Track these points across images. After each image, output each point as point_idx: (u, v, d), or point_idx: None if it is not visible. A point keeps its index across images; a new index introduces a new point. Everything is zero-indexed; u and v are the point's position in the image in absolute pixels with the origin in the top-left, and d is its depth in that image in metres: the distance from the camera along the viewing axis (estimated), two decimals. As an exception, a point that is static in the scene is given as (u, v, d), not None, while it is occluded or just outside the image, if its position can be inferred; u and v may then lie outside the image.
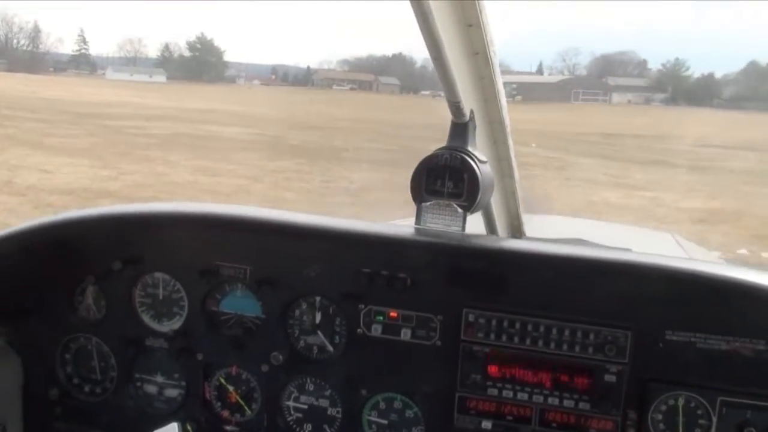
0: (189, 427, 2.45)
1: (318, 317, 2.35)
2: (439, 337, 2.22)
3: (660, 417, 2.10)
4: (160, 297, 2.48)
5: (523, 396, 2.17)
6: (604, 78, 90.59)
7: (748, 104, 64.24)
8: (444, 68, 1.99)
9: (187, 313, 2.45)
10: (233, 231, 2.41)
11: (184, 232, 2.44)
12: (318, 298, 2.34)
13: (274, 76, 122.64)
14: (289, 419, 2.43)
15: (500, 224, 2.93)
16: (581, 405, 2.12)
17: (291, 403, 2.42)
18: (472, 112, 2.29)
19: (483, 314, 2.16)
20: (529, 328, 2.14)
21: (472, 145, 2.28)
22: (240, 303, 2.42)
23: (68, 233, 2.47)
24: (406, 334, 2.24)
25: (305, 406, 2.41)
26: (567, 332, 2.11)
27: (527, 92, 79.73)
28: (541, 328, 2.13)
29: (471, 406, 2.21)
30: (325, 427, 2.40)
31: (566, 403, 2.13)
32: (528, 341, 2.14)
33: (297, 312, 2.37)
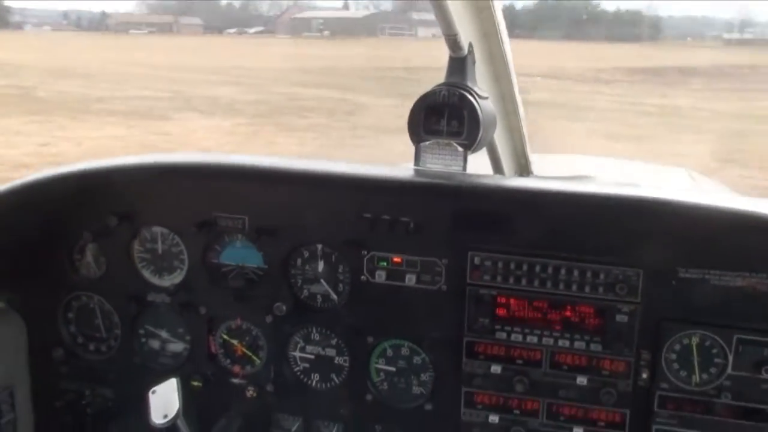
0: (196, 382, 2.45)
1: (320, 265, 2.31)
2: (444, 281, 2.18)
3: (674, 357, 2.05)
4: (160, 251, 2.44)
5: (532, 339, 2.13)
6: (409, 12, 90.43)
7: (545, 33, 65.96)
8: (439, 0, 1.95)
9: (187, 266, 2.42)
10: (229, 180, 2.35)
11: (178, 184, 2.38)
12: (320, 246, 2.29)
13: (66, 22, 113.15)
14: (296, 369, 2.41)
15: (506, 163, 2.90)
16: (593, 346, 2.09)
17: (297, 354, 2.40)
18: (470, 45, 2.22)
19: (489, 256, 2.12)
20: (537, 269, 2.09)
21: (472, 80, 2.22)
22: (240, 254, 2.37)
23: (61, 190, 2.38)
24: (410, 280, 2.20)
25: (312, 356, 2.38)
26: (576, 272, 2.07)
27: (334, 27, 79.03)
28: (550, 269, 2.09)
29: (479, 350, 2.18)
30: (333, 376, 2.38)
31: (577, 344, 2.10)
32: (536, 283, 2.10)
33: (299, 261, 2.33)
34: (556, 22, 70.19)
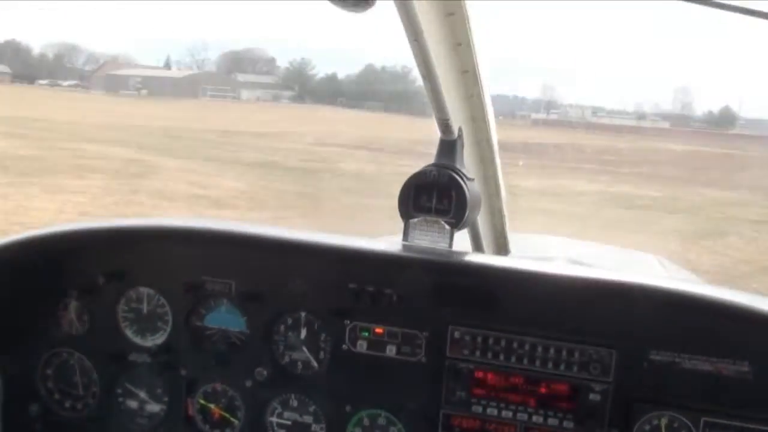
0: None
1: (303, 333, 2.35)
2: (424, 353, 2.25)
3: None
4: (144, 311, 2.46)
5: (507, 414, 2.19)
6: (233, 74, 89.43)
7: (366, 103, 67.24)
8: (434, 85, 2.05)
9: (171, 327, 2.44)
10: (218, 245, 2.41)
11: (168, 247, 2.44)
12: (303, 314, 2.34)
13: None
14: None
15: (486, 242, 3.01)
16: (565, 424, 2.16)
17: (275, 419, 2.41)
18: (460, 129, 2.33)
19: (469, 331, 2.20)
20: (515, 345, 2.17)
21: (460, 162, 2.32)
22: (225, 318, 2.41)
23: (52, 248, 2.45)
24: (391, 351, 2.26)
25: (289, 422, 2.40)
26: (552, 350, 2.15)
27: (154, 87, 76.07)
28: (527, 346, 2.16)
29: (455, 423, 2.23)
30: None
31: (550, 421, 2.16)
32: (513, 359, 2.18)
33: (282, 327, 2.37)
34: (377, 94, 71.81)
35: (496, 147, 2.64)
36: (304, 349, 2.34)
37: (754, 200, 23.18)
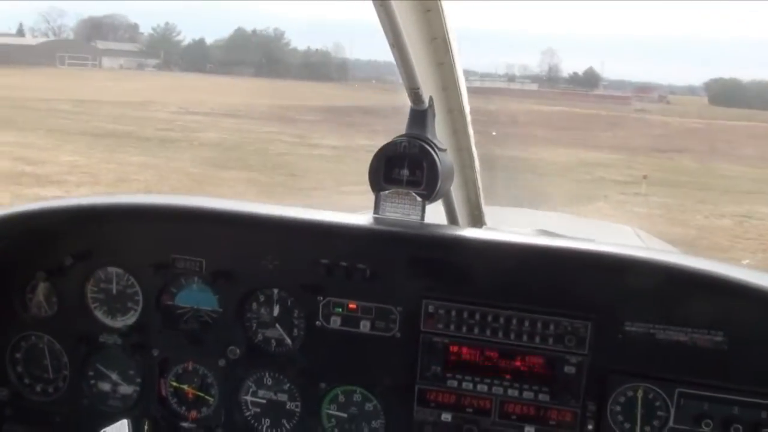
0: (146, 426, 2.40)
1: (276, 310, 2.33)
2: (398, 328, 2.23)
3: (619, 408, 2.12)
4: (114, 292, 2.42)
5: (482, 387, 2.19)
6: (93, 42, 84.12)
7: (237, 69, 65.03)
8: (402, 53, 1.97)
9: (141, 307, 2.40)
10: (188, 223, 2.35)
11: (137, 225, 2.38)
12: (276, 291, 2.32)
13: None
14: (246, 414, 2.41)
15: (461, 214, 2.98)
16: (541, 396, 2.15)
17: (249, 398, 2.40)
18: (431, 99, 2.27)
19: (443, 305, 2.18)
20: (489, 318, 2.16)
21: (432, 133, 2.27)
22: (196, 296, 2.38)
23: (17, 229, 2.38)
24: (365, 326, 2.25)
25: (263, 401, 2.39)
26: (527, 323, 2.14)
27: (5, 55, 70.07)
28: (501, 319, 2.15)
29: (431, 398, 2.23)
30: (284, 421, 2.39)
31: (526, 394, 2.16)
32: (488, 332, 2.16)
33: (254, 305, 2.35)
34: (248, 59, 69.59)
35: (468, 117, 2.59)
36: (278, 326, 2.33)
37: (619, 160, 23.79)
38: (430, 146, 2.22)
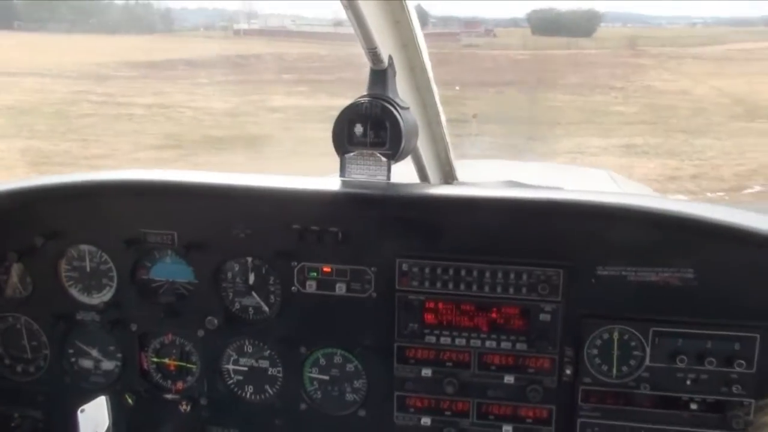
0: (129, 398, 2.47)
1: (251, 278, 2.35)
2: (374, 288, 2.26)
3: (595, 352, 2.17)
4: (88, 269, 2.44)
5: (460, 341, 2.23)
6: None
7: (50, 25, 60.02)
8: (357, 13, 1.96)
9: (116, 283, 2.43)
10: (156, 196, 2.36)
11: (105, 202, 2.39)
12: (250, 259, 2.34)
13: None
14: (229, 382, 2.45)
15: (431, 171, 2.97)
16: (518, 345, 2.20)
17: (231, 366, 2.43)
18: (390, 58, 2.27)
19: (416, 263, 2.20)
20: (463, 273, 2.19)
21: (393, 92, 2.28)
22: (171, 269, 2.40)
23: None
24: (341, 289, 2.28)
25: (245, 368, 2.43)
26: (500, 275, 2.17)
27: None
28: (475, 273, 2.18)
29: (410, 355, 2.27)
30: (267, 387, 2.43)
31: (503, 345, 2.21)
32: (462, 286, 2.20)
33: (229, 274, 2.37)
34: (59, 14, 64.26)
35: (431, 74, 2.59)
36: (254, 294, 2.36)
37: (451, 97, 23.81)
38: (392, 105, 2.22)
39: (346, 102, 2.25)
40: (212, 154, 15.25)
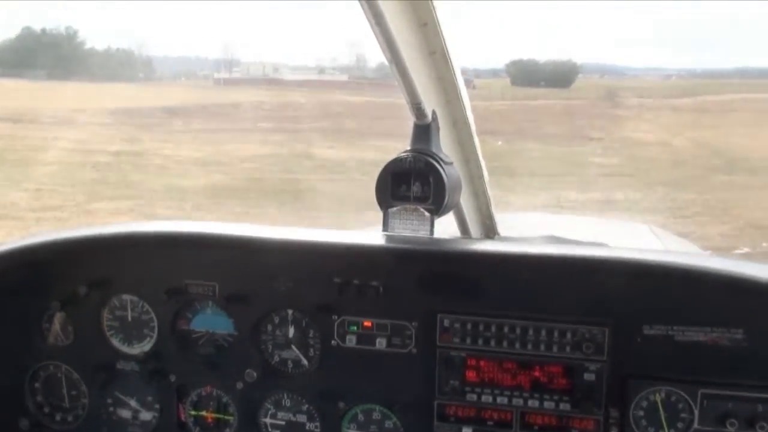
0: None
1: (291, 331, 2.36)
2: (414, 344, 2.25)
3: (642, 413, 2.12)
4: (129, 319, 2.47)
5: (502, 400, 2.20)
6: None
7: (28, 72, 59.57)
8: (402, 69, 1.97)
9: (157, 334, 2.46)
10: (198, 248, 2.39)
11: (148, 252, 2.43)
12: (290, 312, 2.36)
13: None
14: None
15: (473, 225, 3.03)
16: (562, 406, 2.16)
17: (268, 420, 2.44)
18: (434, 112, 2.30)
19: (458, 318, 2.20)
20: (506, 330, 2.17)
21: (436, 146, 2.31)
22: (211, 321, 2.43)
23: (31, 259, 2.42)
24: (381, 343, 2.27)
25: (283, 422, 2.43)
26: (544, 332, 2.14)
27: None
28: (518, 330, 2.16)
29: (450, 413, 2.24)
30: None
31: (546, 404, 2.17)
32: (505, 344, 2.17)
33: (269, 327, 2.39)
34: (39, 60, 64.02)
35: (473, 128, 2.60)
36: (293, 347, 2.35)
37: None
38: (436, 160, 2.24)
39: (322, 151, 1.86)
40: (169, 204, 14.78)
